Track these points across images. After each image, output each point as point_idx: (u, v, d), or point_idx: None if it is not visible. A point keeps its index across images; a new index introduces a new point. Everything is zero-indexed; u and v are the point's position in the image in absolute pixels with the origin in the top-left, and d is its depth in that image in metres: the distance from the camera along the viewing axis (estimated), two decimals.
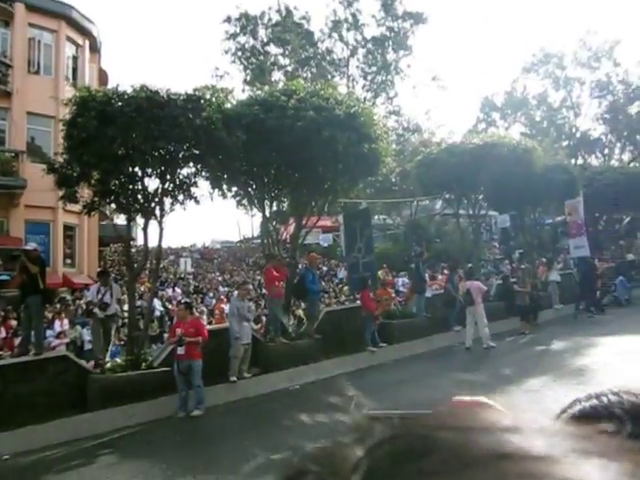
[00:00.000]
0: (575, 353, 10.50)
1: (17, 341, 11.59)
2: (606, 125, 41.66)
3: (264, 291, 16.28)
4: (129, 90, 10.19)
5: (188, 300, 12.82)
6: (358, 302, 13.74)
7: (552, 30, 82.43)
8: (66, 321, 14.51)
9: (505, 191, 16.96)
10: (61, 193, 10.86)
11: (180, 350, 9.24)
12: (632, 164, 35.31)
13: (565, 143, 41.98)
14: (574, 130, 43.21)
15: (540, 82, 43.66)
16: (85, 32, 22.81)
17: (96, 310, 10.55)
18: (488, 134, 20.70)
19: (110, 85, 14.10)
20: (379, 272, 17.30)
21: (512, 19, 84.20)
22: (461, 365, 11.25)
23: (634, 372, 7.35)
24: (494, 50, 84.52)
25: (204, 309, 16.42)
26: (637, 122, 40.01)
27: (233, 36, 38.21)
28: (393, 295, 16.05)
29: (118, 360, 10.47)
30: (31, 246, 10.44)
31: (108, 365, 9.95)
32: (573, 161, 35.17)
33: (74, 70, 22.39)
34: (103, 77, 25.01)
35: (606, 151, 42.91)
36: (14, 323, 14.05)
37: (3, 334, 13.94)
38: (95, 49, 24.14)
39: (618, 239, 26.32)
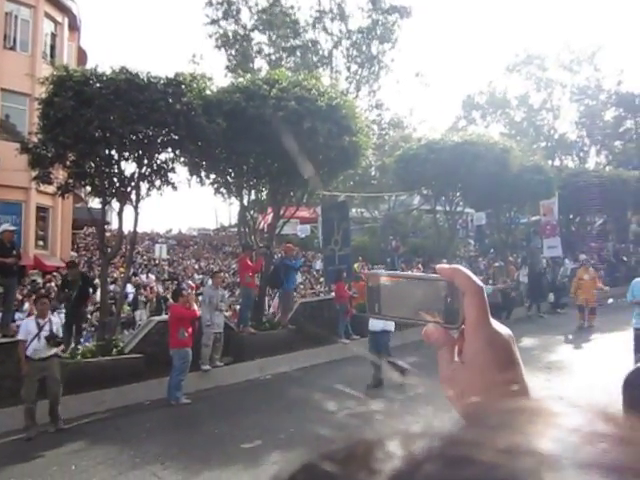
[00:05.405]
0: (543, 350, 10.73)
1: None
2: (582, 128, 42.36)
3: (239, 279, 16.22)
4: (108, 71, 10.03)
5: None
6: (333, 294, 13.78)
7: (538, 31, 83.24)
8: None
9: (482, 189, 17.14)
10: (34, 173, 10.65)
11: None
12: (607, 168, 35.90)
13: (543, 144, 42.52)
14: (552, 132, 43.79)
15: (522, 83, 44.12)
16: (64, 9, 22.19)
17: (37, 349, 7.73)
18: (468, 132, 20.85)
19: (89, 65, 13.82)
20: (355, 265, 17.36)
21: (499, 18, 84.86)
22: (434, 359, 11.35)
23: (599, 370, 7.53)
24: (479, 48, 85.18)
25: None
26: (612, 128, 40.76)
27: (215, 21, 37.51)
28: None
29: (89, 345, 10.34)
30: (11, 227, 10.31)
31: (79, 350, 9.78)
32: (550, 162, 35.66)
33: (52, 48, 21.81)
34: (82, 57, 24.46)
35: (582, 154, 43.63)
36: None
37: None
38: (74, 27, 23.55)
39: (590, 241, 26.83)
